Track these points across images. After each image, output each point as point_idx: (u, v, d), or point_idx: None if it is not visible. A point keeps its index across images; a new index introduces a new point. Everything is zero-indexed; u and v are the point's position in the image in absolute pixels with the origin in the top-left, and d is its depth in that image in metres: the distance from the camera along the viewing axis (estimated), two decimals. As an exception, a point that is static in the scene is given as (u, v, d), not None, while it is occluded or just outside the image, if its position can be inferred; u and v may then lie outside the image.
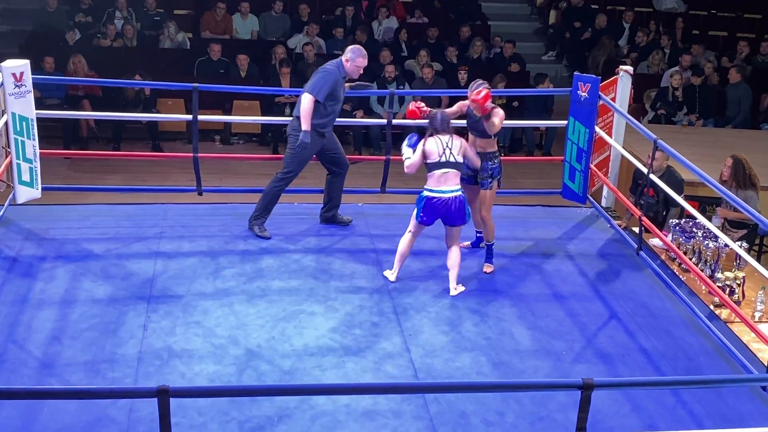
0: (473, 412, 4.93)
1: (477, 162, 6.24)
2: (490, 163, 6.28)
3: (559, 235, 7.14)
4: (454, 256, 6.14)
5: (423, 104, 6.42)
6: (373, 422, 4.82)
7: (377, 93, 10.80)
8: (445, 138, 6.06)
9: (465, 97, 11.70)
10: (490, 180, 6.29)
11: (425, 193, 6.05)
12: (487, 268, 6.46)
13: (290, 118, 10.72)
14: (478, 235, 6.69)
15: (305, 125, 6.41)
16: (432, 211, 6.02)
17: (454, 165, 6.02)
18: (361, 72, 6.60)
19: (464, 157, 6.11)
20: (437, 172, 6.00)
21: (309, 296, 6.02)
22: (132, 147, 10.91)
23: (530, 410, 4.98)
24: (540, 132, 11.60)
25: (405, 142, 6.19)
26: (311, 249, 6.68)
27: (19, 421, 4.63)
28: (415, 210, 6.12)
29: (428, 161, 6.03)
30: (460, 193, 6.03)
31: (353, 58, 6.47)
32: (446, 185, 6.00)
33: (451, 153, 6.02)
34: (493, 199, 6.36)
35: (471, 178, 6.34)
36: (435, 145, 6.04)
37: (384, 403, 4.95)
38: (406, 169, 6.14)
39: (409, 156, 6.12)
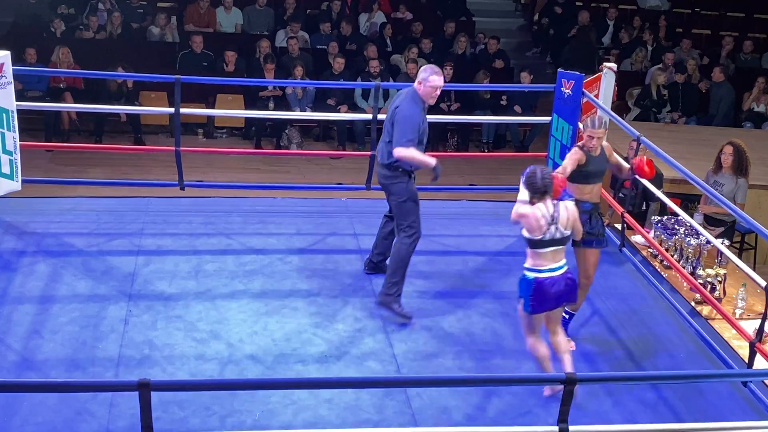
0: (455, 408, 4.93)
1: (579, 233, 5.10)
2: (602, 218, 5.58)
3: (542, 231, 7.14)
4: (564, 341, 5.12)
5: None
6: (356, 417, 4.82)
7: (361, 85, 10.77)
8: (549, 205, 4.86)
9: (448, 93, 11.69)
10: (601, 238, 5.49)
11: (530, 275, 4.90)
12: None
13: (273, 113, 10.83)
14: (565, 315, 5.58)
15: (425, 163, 5.63)
16: (544, 296, 4.88)
17: (562, 241, 4.91)
18: (436, 95, 5.67)
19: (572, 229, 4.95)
20: (543, 251, 4.87)
21: (292, 291, 6.00)
22: (114, 140, 10.84)
23: (512, 406, 4.99)
24: (525, 129, 11.62)
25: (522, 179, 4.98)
26: (294, 244, 6.66)
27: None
28: (521, 300, 4.97)
29: (529, 237, 4.88)
30: (567, 266, 4.98)
31: (425, 78, 5.60)
32: (555, 262, 4.90)
33: (557, 228, 4.87)
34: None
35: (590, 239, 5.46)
36: (538, 216, 4.83)
37: (366, 398, 4.94)
38: (512, 216, 4.96)
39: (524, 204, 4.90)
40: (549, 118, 7.39)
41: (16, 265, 6.07)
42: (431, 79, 5.62)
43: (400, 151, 5.57)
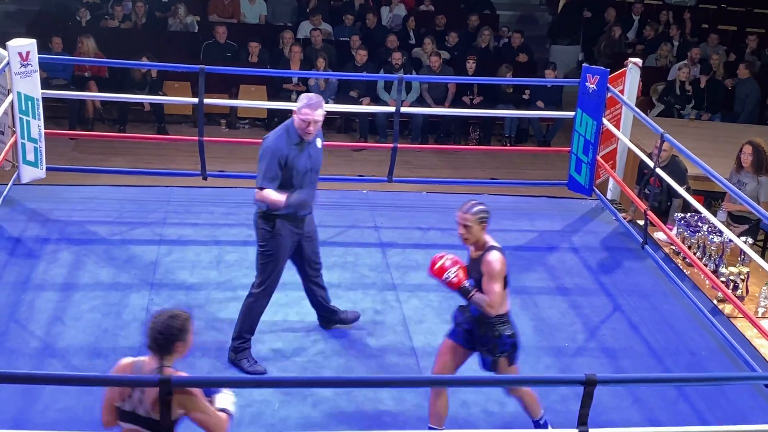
0: (474, 402, 4.93)
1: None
2: (491, 331, 4.44)
3: (564, 227, 7.12)
4: None
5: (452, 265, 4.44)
6: (374, 409, 4.83)
7: (384, 77, 10.74)
8: (146, 368, 3.53)
9: (471, 86, 11.64)
10: (491, 357, 4.46)
11: None
12: None
13: (296, 105, 10.78)
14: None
15: (282, 205, 4.94)
16: None
17: (147, 423, 3.46)
18: (309, 131, 4.93)
19: None
20: (124, 426, 3.56)
21: (312, 283, 6.01)
22: (137, 129, 10.88)
23: (531, 401, 4.97)
24: (547, 123, 11.56)
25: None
26: (315, 235, 6.66)
27: (20, 401, 4.63)
28: None
29: None
30: None
31: (298, 108, 4.93)
32: None
33: (141, 403, 3.46)
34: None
35: (464, 336, 4.55)
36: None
37: (385, 390, 4.95)
38: None
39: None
40: (572, 113, 7.36)
41: (39, 252, 6.12)
42: (303, 111, 4.91)
43: (256, 195, 4.99)
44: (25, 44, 6.52)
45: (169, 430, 3.44)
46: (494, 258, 4.36)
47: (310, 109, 4.92)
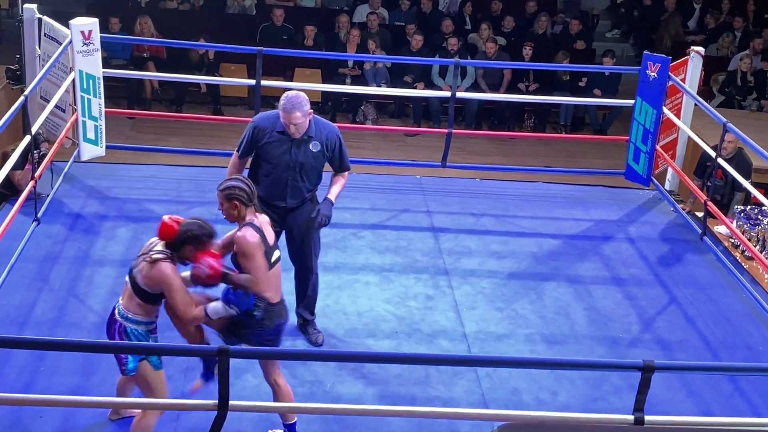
0: (525, 390, 4.91)
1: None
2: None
3: (620, 216, 7.04)
4: None
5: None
6: (425, 394, 4.83)
7: (440, 62, 10.68)
8: None
9: (527, 73, 11.52)
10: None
11: None
12: None
13: (351, 88, 10.82)
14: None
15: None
16: None
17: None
18: (291, 131, 4.85)
19: None
20: None
21: (364, 266, 6.03)
22: (193, 111, 10.97)
23: (583, 391, 4.94)
24: (603, 112, 11.40)
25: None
26: (368, 220, 6.68)
27: (79, 373, 4.73)
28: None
29: None
30: None
31: (279, 106, 4.89)
32: None
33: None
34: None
35: None
36: None
37: (436, 376, 4.95)
38: None
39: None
40: (631, 102, 7.25)
41: (98, 228, 6.22)
42: (280, 112, 4.85)
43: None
44: (87, 23, 6.60)
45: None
46: (243, 234, 4.19)
47: (284, 111, 4.82)
